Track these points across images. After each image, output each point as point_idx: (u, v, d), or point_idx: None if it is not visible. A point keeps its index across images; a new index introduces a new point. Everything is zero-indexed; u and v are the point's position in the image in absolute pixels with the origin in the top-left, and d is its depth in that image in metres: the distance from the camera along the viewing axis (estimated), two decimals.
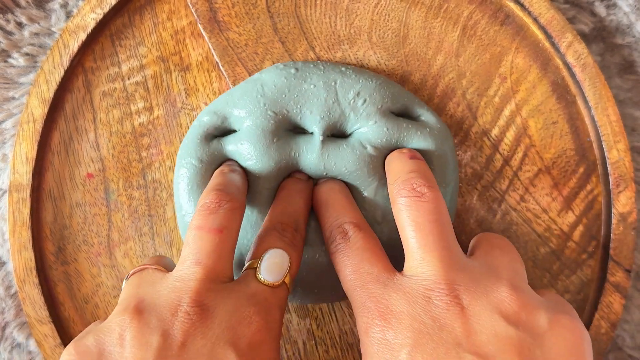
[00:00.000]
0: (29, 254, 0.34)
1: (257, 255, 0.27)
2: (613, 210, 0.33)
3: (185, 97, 0.34)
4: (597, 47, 0.37)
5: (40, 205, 0.34)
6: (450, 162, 0.32)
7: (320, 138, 0.31)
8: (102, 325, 0.24)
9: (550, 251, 0.34)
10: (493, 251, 0.27)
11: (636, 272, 0.36)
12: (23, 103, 0.36)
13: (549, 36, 0.33)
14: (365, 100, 0.31)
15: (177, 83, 0.34)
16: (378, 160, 0.31)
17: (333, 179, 0.31)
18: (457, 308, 0.23)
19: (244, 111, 0.31)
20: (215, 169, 0.31)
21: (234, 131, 0.32)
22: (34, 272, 0.33)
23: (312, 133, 0.32)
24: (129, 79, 0.34)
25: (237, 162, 0.31)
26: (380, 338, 0.24)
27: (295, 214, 0.29)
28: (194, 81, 0.34)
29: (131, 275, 0.27)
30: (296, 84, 0.32)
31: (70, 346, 0.24)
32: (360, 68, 0.33)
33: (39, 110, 0.33)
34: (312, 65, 0.32)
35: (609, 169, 0.33)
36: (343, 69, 0.32)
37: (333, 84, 0.32)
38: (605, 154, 0.33)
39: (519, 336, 0.22)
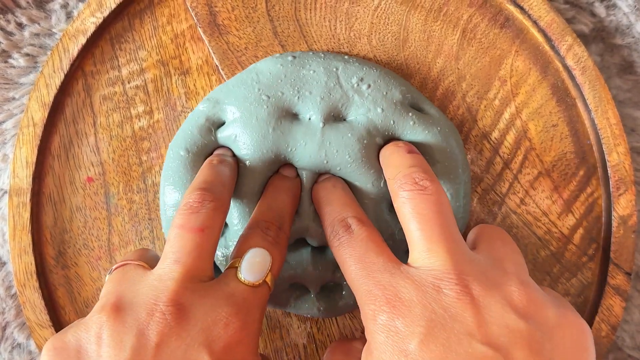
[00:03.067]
0: (29, 258, 0.34)
1: (239, 254, 0.27)
2: (613, 213, 0.33)
3: (186, 100, 0.34)
4: (596, 47, 0.37)
5: (40, 210, 0.34)
6: (458, 158, 0.32)
7: (321, 125, 0.30)
8: (83, 321, 0.24)
9: (551, 254, 0.34)
10: (495, 243, 0.27)
11: (636, 273, 0.36)
12: (24, 103, 0.36)
13: (548, 39, 0.33)
14: (369, 86, 0.31)
15: (177, 87, 0.34)
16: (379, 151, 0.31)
17: (333, 176, 0.31)
18: (468, 298, 0.23)
19: (239, 99, 0.30)
20: (205, 159, 0.31)
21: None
22: (34, 276, 0.33)
23: (310, 119, 0.30)
24: (129, 82, 0.34)
25: (230, 149, 0.31)
26: (389, 325, 0.23)
27: (281, 211, 0.29)
28: (194, 85, 0.34)
29: (114, 270, 0.27)
30: (293, 70, 0.31)
31: (50, 341, 0.24)
32: (363, 59, 0.33)
33: (39, 114, 0.33)
34: (311, 53, 0.32)
35: (609, 171, 0.33)
36: (346, 57, 0.32)
37: (335, 69, 0.31)
38: (606, 157, 0.33)
39: (530, 329, 0.22)
